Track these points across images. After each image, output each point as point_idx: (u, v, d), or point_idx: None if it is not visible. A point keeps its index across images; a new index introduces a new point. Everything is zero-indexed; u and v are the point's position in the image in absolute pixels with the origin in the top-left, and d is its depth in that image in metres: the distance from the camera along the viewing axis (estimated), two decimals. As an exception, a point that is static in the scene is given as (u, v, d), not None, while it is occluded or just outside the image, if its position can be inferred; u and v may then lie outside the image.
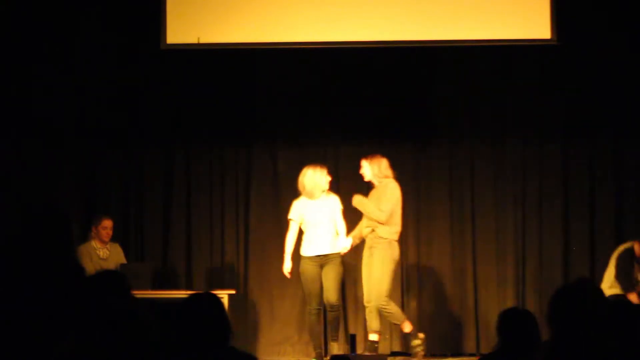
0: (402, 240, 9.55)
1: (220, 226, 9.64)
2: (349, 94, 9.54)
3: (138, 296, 4.84)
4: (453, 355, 9.39)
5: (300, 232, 8.57)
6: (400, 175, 9.60)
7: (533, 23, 8.77)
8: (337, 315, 8.58)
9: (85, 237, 9.00)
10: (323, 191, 8.51)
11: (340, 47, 9.01)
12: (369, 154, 8.60)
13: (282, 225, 8.89)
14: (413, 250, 9.55)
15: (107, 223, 9.03)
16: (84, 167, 9.59)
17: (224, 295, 8.39)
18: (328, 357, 8.92)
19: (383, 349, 9.36)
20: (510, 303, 9.29)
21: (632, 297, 8.50)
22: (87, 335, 2.91)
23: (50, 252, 3.96)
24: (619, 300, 4.59)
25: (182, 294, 7.99)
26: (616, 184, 9.46)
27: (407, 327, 8.51)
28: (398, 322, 8.50)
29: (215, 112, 9.60)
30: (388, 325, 9.46)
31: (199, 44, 8.91)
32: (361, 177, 8.59)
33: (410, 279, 9.52)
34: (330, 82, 9.54)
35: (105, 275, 4.12)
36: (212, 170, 9.70)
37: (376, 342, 8.43)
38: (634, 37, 9.19)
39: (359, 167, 8.58)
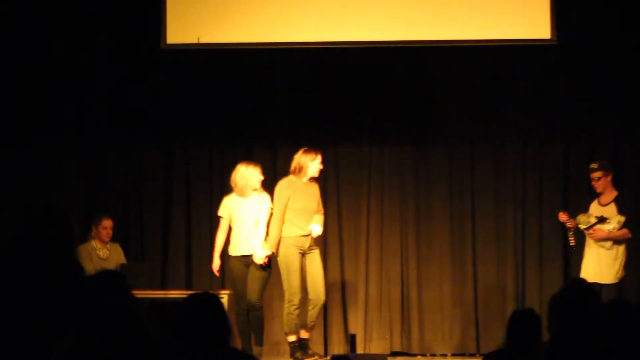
0: (403, 239, 9.57)
1: (221, 226, 9.64)
2: (349, 93, 9.54)
3: (138, 296, 4.84)
4: (453, 355, 9.40)
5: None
6: (400, 175, 9.62)
7: (533, 23, 8.77)
8: (259, 315, 8.27)
9: (85, 237, 9.00)
10: (254, 190, 8.35)
11: (340, 47, 9.01)
12: (312, 149, 8.38)
13: (282, 225, 8.87)
14: (413, 250, 9.53)
15: (107, 223, 9.03)
16: (84, 167, 9.59)
17: (224, 295, 8.40)
18: (328, 358, 8.93)
19: (383, 349, 9.36)
20: (510, 303, 9.29)
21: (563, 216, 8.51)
22: (87, 335, 2.91)
23: (50, 252, 3.96)
24: (618, 300, 4.59)
25: (182, 294, 7.98)
26: (616, 184, 9.43)
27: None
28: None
29: (215, 112, 9.59)
30: (388, 325, 9.46)
31: (199, 44, 8.91)
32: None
33: (410, 278, 9.51)
34: (330, 82, 9.53)
35: (105, 275, 4.12)
36: (212, 170, 9.70)
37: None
38: (634, 37, 9.18)
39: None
